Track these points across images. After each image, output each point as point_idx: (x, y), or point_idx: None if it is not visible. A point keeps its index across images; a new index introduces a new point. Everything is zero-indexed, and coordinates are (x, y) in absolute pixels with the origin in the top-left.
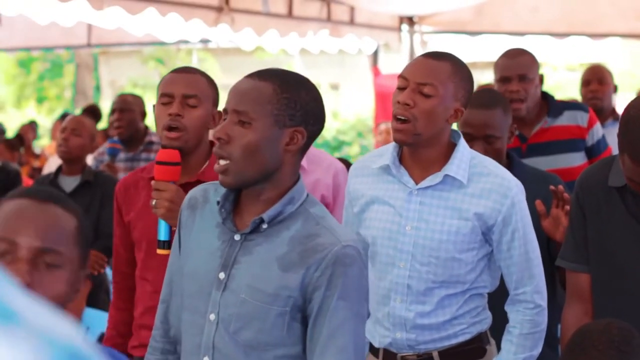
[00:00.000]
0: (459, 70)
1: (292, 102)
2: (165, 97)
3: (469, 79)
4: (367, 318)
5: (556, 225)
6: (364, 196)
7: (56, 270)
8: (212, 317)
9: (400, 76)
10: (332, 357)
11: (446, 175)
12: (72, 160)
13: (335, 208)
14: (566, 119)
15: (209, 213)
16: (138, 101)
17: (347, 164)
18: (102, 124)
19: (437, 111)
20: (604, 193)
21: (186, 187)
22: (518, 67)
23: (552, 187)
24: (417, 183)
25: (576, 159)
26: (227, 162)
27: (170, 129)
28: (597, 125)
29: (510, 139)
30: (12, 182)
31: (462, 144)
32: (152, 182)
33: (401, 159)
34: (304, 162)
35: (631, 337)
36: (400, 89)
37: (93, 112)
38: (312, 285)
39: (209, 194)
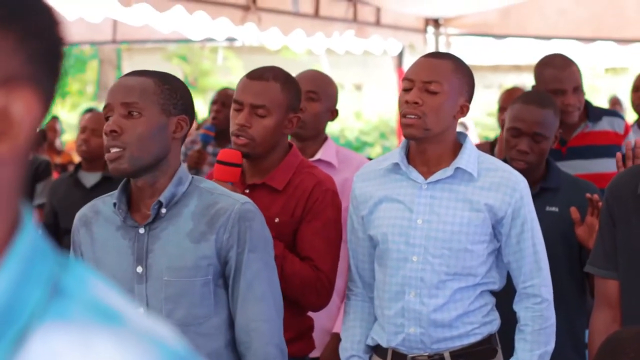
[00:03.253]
0: (460, 67)
1: (172, 92)
2: (236, 104)
3: (470, 75)
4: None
5: (590, 233)
6: (372, 197)
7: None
8: (141, 311)
9: (405, 79)
10: (252, 306)
11: (457, 169)
12: (92, 159)
13: None
14: (605, 125)
15: (104, 223)
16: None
17: None
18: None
19: (444, 107)
20: (633, 200)
21: (252, 188)
22: (572, 79)
23: (588, 195)
24: (425, 179)
25: (612, 165)
26: (120, 149)
27: (238, 136)
28: (631, 133)
29: (554, 142)
30: (42, 173)
31: (469, 142)
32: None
33: (408, 158)
34: (334, 161)
35: None
36: (406, 90)
37: None
38: (225, 247)
39: (97, 207)
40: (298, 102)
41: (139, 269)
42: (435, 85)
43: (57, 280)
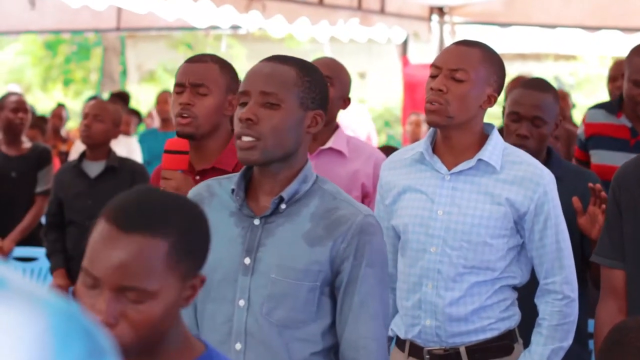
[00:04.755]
0: (490, 56)
1: (313, 85)
2: (178, 87)
3: (500, 65)
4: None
5: (592, 223)
6: (396, 187)
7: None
8: (242, 302)
9: (432, 65)
10: (365, 324)
11: (479, 160)
12: (95, 145)
13: (374, 197)
14: None
15: (218, 205)
16: None
17: (392, 150)
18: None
19: (470, 96)
20: (639, 189)
21: (202, 174)
22: None
23: (590, 184)
24: (449, 170)
25: None
26: (255, 139)
27: (181, 117)
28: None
29: (554, 129)
30: (43, 161)
31: (496, 134)
32: (161, 171)
33: (434, 148)
34: (345, 150)
35: None
36: (433, 77)
37: (121, 97)
38: (340, 257)
39: (213, 189)
40: (236, 85)
41: (247, 261)
42: (462, 74)
43: None
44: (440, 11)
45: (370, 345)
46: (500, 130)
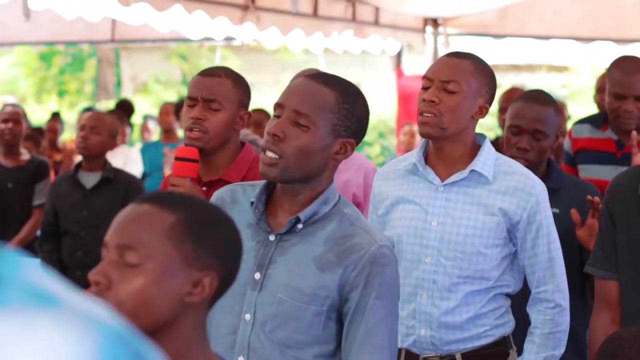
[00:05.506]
0: (481, 67)
1: (350, 113)
2: (190, 100)
3: (492, 76)
4: None
5: (591, 235)
6: (389, 197)
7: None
8: (248, 317)
9: (424, 77)
10: (369, 355)
11: (472, 171)
12: (91, 157)
13: (365, 207)
14: None
15: (238, 213)
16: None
17: None
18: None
19: (462, 107)
20: (633, 201)
21: (209, 185)
22: (636, 87)
23: (589, 197)
24: (442, 181)
25: None
26: (277, 157)
27: (191, 130)
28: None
29: (555, 142)
30: (41, 174)
31: (488, 144)
32: (170, 178)
33: (427, 159)
34: None
35: None
36: (425, 88)
37: (125, 107)
38: (350, 285)
39: (237, 195)
40: (248, 99)
41: (257, 276)
42: (454, 85)
43: None
44: (435, 22)
45: None
46: (494, 141)
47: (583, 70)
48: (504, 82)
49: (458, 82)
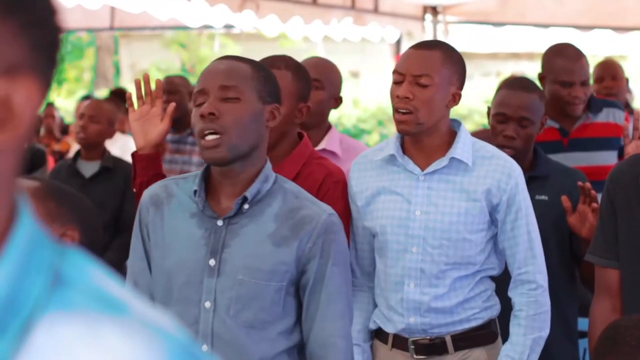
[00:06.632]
0: (451, 55)
1: (267, 79)
2: None
3: (461, 62)
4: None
5: (582, 221)
6: (369, 189)
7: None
8: (208, 304)
9: (395, 72)
10: (332, 322)
11: (452, 159)
12: (90, 146)
13: None
14: (605, 116)
15: (177, 206)
16: (185, 82)
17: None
18: None
19: (436, 99)
20: (634, 189)
21: None
22: (582, 72)
23: (580, 183)
24: (422, 170)
25: (612, 158)
26: (219, 136)
27: None
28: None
29: (540, 129)
30: (38, 162)
31: (464, 130)
32: None
33: (404, 149)
34: (338, 151)
35: None
36: (397, 83)
37: (119, 95)
38: (306, 256)
39: (171, 189)
40: (308, 91)
41: (212, 262)
42: (426, 79)
43: (58, 270)
44: (434, 10)
45: (339, 343)
46: (479, 132)
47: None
48: (504, 70)
49: (430, 76)
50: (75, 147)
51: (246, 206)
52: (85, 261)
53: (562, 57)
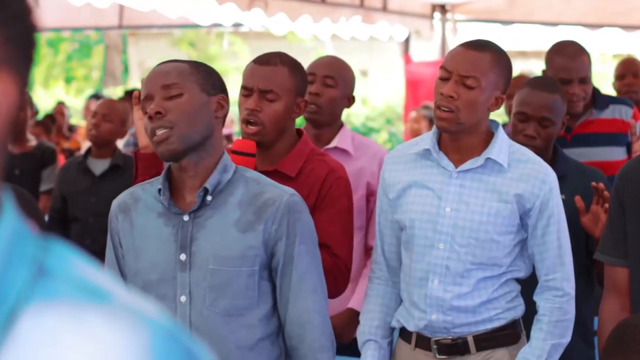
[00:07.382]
0: (500, 59)
1: (208, 73)
2: (245, 90)
3: (509, 67)
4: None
5: (595, 221)
6: (401, 182)
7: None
8: (183, 298)
9: (442, 67)
10: (306, 299)
11: (487, 159)
12: (101, 144)
13: None
14: (611, 112)
15: (144, 209)
16: None
17: None
18: None
19: (479, 102)
20: None
21: (265, 175)
22: (580, 69)
23: (593, 183)
24: (456, 167)
25: (617, 153)
26: (168, 129)
27: (248, 123)
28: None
29: (561, 129)
30: (48, 159)
31: (501, 132)
32: None
33: (440, 145)
34: (350, 149)
35: None
36: (443, 79)
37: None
38: (273, 238)
39: (137, 194)
40: (305, 86)
41: (183, 257)
42: (472, 81)
43: (41, 261)
44: (442, 9)
45: (314, 319)
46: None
47: (591, 56)
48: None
49: (477, 78)
50: (85, 145)
51: (209, 198)
52: (68, 252)
53: (561, 55)
